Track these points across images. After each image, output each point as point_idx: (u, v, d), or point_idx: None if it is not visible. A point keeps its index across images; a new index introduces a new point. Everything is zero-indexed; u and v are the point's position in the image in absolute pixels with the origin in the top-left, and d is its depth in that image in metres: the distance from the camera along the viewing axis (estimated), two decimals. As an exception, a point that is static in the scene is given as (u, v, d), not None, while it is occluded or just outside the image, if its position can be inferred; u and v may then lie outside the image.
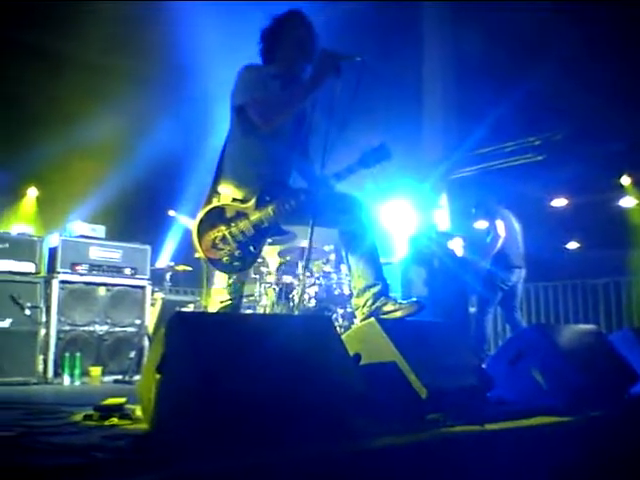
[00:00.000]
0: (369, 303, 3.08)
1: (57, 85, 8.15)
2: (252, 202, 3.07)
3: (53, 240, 5.45)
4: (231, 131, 3.22)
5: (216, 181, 3.18)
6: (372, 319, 2.68)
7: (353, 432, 2.03)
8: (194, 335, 1.96)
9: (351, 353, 2.44)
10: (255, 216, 3.05)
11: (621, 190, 9.92)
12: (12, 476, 1.40)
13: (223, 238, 3.03)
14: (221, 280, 3.15)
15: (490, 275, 5.99)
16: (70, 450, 1.70)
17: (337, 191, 3.18)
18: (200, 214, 3.09)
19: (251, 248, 3.04)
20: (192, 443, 1.73)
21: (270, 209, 3.05)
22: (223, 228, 3.04)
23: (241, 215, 3.06)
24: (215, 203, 3.12)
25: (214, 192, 3.16)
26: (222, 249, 3.02)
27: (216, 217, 3.07)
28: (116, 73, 8.68)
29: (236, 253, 3.01)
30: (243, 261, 3.03)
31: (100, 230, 5.77)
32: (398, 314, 3.00)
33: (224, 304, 3.13)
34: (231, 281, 3.12)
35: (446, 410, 2.35)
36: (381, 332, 2.53)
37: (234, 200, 3.11)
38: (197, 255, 3.09)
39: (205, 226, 3.05)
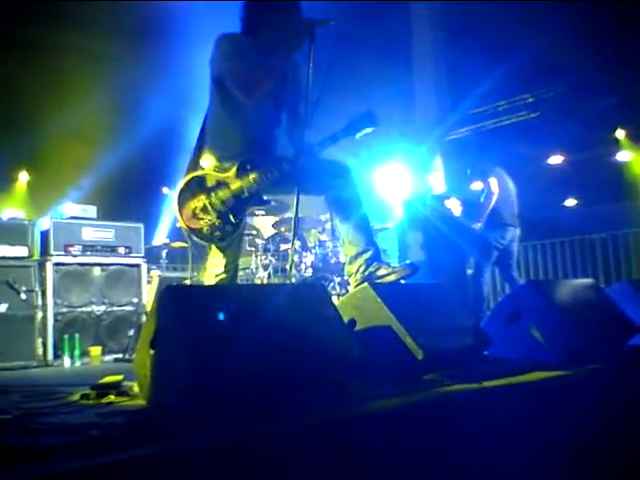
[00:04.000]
0: (362, 269, 3.05)
1: (44, 69, 8.03)
2: (233, 171, 3.03)
3: (45, 223, 5.41)
4: (211, 101, 3.17)
5: (198, 154, 3.14)
6: (365, 284, 2.66)
7: (350, 397, 2.02)
8: (185, 309, 1.95)
9: (346, 319, 2.43)
10: (236, 185, 3.01)
11: (616, 144, 9.86)
12: (5, 457, 1.39)
13: (203, 208, 2.99)
14: (216, 253, 3.13)
15: (484, 234, 5.96)
16: (65, 429, 1.68)
17: (323, 158, 3.14)
18: (181, 183, 3.05)
19: (232, 218, 3.00)
20: (186, 417, 1.72)
21: (252, 178, 3.00)
22: (203, 197, 3.00)
23: (221, 184, 3.02)
24: (196, 172, 3.08)
25: (196, 165, 3.12)
26: (202, 219, 2.98)
27: (196, 186, 3.03)
28: (105, 54, 8.55)
29: (216, 223, 2.98)
30: (223, 231, 2.99)
31: (91, 210, 5.71)
32: (392, 278, 2.98)
33: (219, 277, 3.11)
34: (226, 254, 3.10)
35: (443, 370, 2.35)
36: (375, 296, 2.51)
37: (215, 169, 3.07)
38: (178, 225, 3.06)
39: (186, 195, 3.02)
